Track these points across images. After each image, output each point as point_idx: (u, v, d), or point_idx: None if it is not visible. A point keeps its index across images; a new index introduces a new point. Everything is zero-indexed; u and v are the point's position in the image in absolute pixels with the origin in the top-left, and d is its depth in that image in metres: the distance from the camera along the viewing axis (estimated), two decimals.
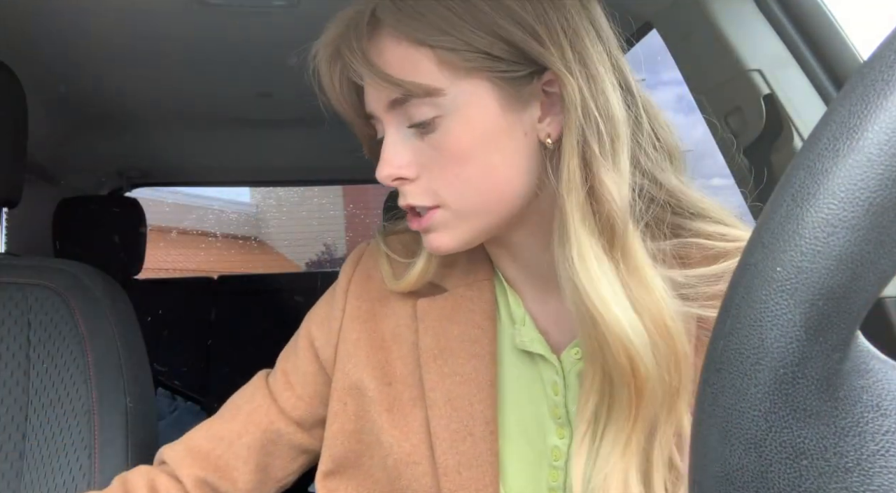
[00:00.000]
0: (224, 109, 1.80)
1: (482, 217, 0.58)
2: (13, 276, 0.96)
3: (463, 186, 0.56)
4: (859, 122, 0.24)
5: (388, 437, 0.62)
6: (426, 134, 0.56)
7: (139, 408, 0.94)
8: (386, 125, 0.58)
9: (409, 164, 0.57)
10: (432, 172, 0.57)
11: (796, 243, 0.24)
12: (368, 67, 0.55)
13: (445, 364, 0.63)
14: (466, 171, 0.56)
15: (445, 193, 0.57)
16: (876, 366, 0.25)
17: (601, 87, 0.54)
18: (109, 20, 1.22)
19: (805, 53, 0.89)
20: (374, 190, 4.45)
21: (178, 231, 5.74)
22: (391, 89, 0.55)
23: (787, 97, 0.89)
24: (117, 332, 0.95)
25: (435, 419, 0.61)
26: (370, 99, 0.59)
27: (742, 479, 0.25)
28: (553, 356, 0.62)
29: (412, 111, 0.55)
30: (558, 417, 0.62)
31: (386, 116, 0.58)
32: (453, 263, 0.66)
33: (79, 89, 1.58)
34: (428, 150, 0.56)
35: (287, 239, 6.23)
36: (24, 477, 0.89)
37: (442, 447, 0.61)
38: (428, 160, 0.57)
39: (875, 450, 0.24)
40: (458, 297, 0.65)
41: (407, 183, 0.58)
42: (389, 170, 0.57)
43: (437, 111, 0.55)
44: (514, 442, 0.62)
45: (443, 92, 0.54)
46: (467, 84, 0.54)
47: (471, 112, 0.55)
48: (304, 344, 0.71)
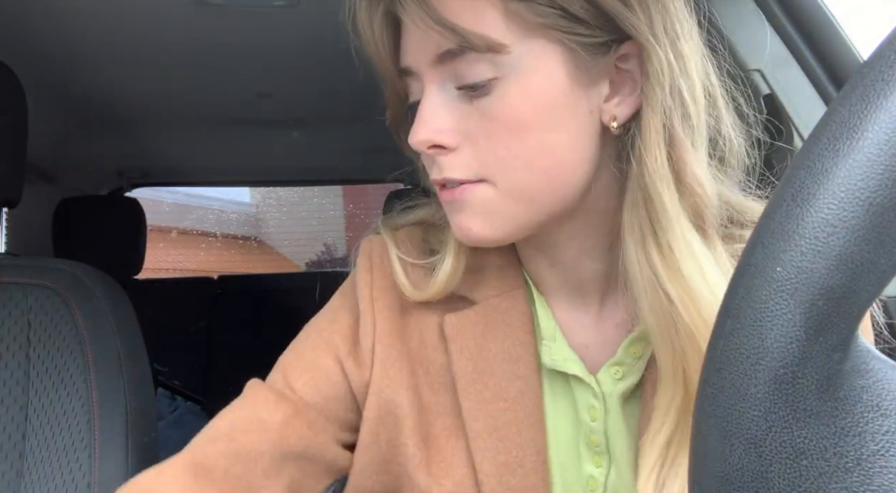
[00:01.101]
0: (224, 109, 1.80)
1: (530, 205, 0.49)
2: (13, 276, 0.96)
3: (514, 162, 0.48)
4: (859, 122, 0.24)
5: (425, 477, 0.54)
6: (477, 98, 0.48)
7: (139, 408, 0.94)
8: (427, 82, 0.49)
9: (450, 130, 0.49)
10: (477, 142, 0.48)
11: (796, 243, 0.24)
12: (423, 7, 0.46)
13: (486, 389, 0.54)
14: (520, 145, 0.47)
15: (493, 169, 0.48)
16: (876, 366, 0.25)
17: (688, 67, 0.47)
18: (109, 20, 1.22)
19: (805, 53, 0.89)
20: (374, 190, 4.45)
21: (178, 231, 5.74)
22: (445, 39, 0.46)
23: (787, 97, 0.89)
24: (117, 332, 0.95)
25: (479, 452, 0.53)
26: (413, 49, 0.50)
27: (742, 479, 0.25)
28: (591, 378, 0.54)
29: (464, 69, 0.47)
30: (596, 444, 0.54)
31: (430, 71, 0.49)
32: (481, 268, 0.58)
33: (79, 89, 1.58)
34: (476, 116, 0.48)
35: (287, 239, 6.22)
36: (24, 477, 0.89)
37: (490, 483, 0.53)
38: (474, 128, 0.48)
39: (875, 450, 0.24)
40: (491, 309, 0.56)
41: (445, 152, 0.49)
42: (427, 133, 0.48)
43: (496, 72, 0.46)
44: (557, 471, 0.55)
45: (507, 49, 0.46)
46: (536, 44, 0.46)
47: (534, 78, 0.47)
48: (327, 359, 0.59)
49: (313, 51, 1.38)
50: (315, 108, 1.80)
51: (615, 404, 0.54)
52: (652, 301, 0.48)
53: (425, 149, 0.49)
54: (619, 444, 0.54)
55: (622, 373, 0.54)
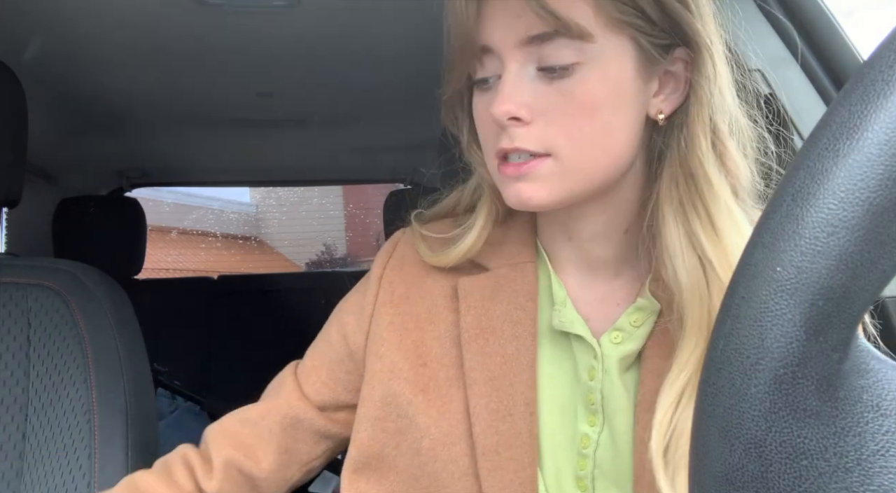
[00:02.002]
0: (224, 109, 1.80)
1: (586, 178, 0.56)
2: (13, 276, 0.96)
3: (583, 140, 0.55)
4: (859, 122, 0.24)
5: (425, 417, 0.61)
6: (557, 79, 0.54)
7: (139, 408, 0.94)
8: (508, 61, 0.55)
9: (527, 105, 0.54)
10: (550, 119, 0.54)
11: (796, 243, 0.24)
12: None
13: (487, 344, 0.62)
14: (591, 124, 0.54)
15: (562, 144, 0.55)
16: (876, 366, 0.25)
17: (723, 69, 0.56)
18: (110, 20, 1.22)
19: (805, 53, 0.89)
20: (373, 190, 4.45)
21: (178, 231, 5.75)
22: (540, 22, 0.52)
23: (787, 97, 0.89)
24: (117, 332, 0.95)
25: (474, 399, 0.60)
26: (500, 28, 0.55)
27: (742, 479, 0.25)
28: (593, 340, 0.61)
29: (550, 51, 0.53)
30: (591, 403, 0.60)
31: (514, 51, 0.54)
32: (501, 241, 0.65)
33: (79, 89, 1.58)
34: (554, 95, 0.54)
35: (287, 239, 6.23)
36: (24, 477, 0.89)
37: (481, 426, 0.60)
38: (550, 106, 0.54)
39: (875, 450, 0.24)
40: (501, 277, 0.64)
41: (519, 125, 0.55)
42: (509, 106, 0.54)
43: (579, 57, 0.53)
44: (547, 425, 0.61)
45: (593, 38, 0.52)
46: (614, 37, 0.53)
47: (611, 66, 0.54)
48: (334, 331, 0.71)
49: (313, 51, 1.38)
50: (315, 108, 1.80)
51: (613, 367, 0.60)
52: (688, 261, 0.55)
53: (506, 120, 0.55)
54: (614, 404, 0.59)
55: (621, 338, 0.60)
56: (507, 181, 0.57)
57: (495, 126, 0.56)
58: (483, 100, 0.58)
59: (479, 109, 0.58)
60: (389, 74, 1.52)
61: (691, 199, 0.56)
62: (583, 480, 0.60)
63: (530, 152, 0.55)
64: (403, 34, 1.30)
